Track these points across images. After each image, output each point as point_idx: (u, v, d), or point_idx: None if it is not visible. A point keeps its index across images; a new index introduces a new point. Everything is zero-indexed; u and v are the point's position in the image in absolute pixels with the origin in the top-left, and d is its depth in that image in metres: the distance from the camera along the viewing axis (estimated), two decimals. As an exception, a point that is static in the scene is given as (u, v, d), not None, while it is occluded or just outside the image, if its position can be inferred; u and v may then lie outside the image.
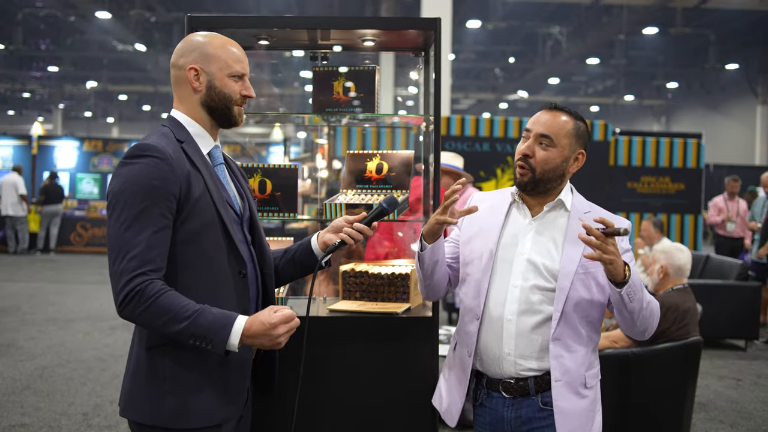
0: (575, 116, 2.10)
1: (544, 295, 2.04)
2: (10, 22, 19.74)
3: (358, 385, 2.50)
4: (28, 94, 29.51)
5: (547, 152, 2.05)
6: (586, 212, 2.08)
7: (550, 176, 2.06)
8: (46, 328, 7.38)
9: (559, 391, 2.02)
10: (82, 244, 14.89)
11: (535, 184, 2.07)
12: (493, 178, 8.72)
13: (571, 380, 2.03)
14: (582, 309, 2.03)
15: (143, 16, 18.08)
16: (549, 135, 2.05)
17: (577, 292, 2.02)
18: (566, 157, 2.07)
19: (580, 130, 2.10)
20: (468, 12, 18.27)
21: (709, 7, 17.44)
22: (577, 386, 2.04)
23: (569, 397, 2.03)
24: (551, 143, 2.05)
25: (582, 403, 2.05)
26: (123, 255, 1.75)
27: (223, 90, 1.95)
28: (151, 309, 1.73)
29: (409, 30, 2.69)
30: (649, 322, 2.04)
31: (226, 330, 1.76)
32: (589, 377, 2.08)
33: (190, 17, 2.55)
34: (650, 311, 2.02)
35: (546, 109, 2.12)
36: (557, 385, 2.02)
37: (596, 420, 2.10)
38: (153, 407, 1.82)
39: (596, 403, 2.11)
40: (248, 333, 1.78)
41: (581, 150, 2.11)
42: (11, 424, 4.55)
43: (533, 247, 2.08)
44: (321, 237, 2.19)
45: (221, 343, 1.76)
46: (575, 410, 2.03)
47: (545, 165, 2.05)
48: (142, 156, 1.80)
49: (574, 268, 2.01)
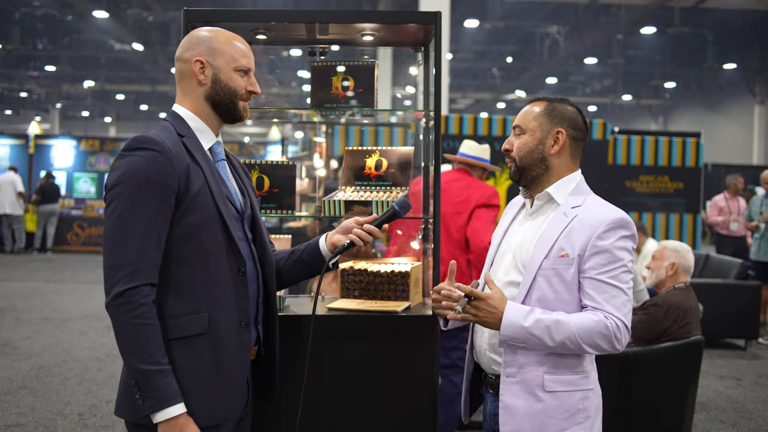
0: (551, 100, 2.10)
1: (517, 290, 2.02)
2: (8, 22, 19.71)
3: (358, 384, 2.47)
4: (25, 94, 29.48)
5: (519, 139, 2.08)
6: (575, 206, 2.00)
7: (529, 161, 2.06)
8: (42, 327, 7.34)
9: (508, 388, 1.97)
10: (78, 243, 14.84)
11: (521, 174, 2.08)
12: (491, 177, 8.68)
13: (525, 379, 1.96)
14: (547, 307, 1.94)
15: (140, 15, 18.07)
16: (518, 124, 2.10)
17: (540, 288, 1.96)
18: (539, 138, 2.05)
19: (555, 110, 2.07)
20: (466, 11, 18.27)
21: (707, 6, 17.46)
22: (532, 387, 1.96)
23: (520, 395, 1.96)
24: (521, 131, 2.08)
25: (536, 406, 1.95)
26: (118, 249, 1.74)
27: (229, 84, 1.93)
28: (130, 325, 1.72)
29: (409, 24, 2.66)
30: (577, 349, 1.90)
31: (162, 404, 1.73)
32: (552, 382, 1.95)
33: (187, 11, 2.53)
34: (575, 344, 1.89)
35: (525, 104, 2.16)
36: (507, 381, 1.98)
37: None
38: None
39: (565, 413, 1.95)
40: (174, 422, 1.74)
41: (559, 129, 2.05)
42: (7, 423, 4.52)
43: (520, 241, 2.07)
44: (329, 238, 2.17)
45: (150, 409, 1.73)
46: (525, 410, 1.95)
47: (520, 151, 2.07)
48: (141, 148, 1.78)
49: (539, 264, 1.96)
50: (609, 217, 1.94)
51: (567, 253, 1.94)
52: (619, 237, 1.94)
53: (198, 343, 1.82)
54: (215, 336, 1.84)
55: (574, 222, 1.96)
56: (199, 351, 1.81)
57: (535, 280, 1.96)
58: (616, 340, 1.90)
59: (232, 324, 1.87)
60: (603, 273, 1.92)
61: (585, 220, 1.96)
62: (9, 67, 24.65)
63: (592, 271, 1.92)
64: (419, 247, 3.17)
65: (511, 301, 1.96)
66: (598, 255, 1.92)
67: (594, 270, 1.92)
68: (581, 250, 1.93)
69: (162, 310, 1.79)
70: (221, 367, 1.85)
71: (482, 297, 1.93)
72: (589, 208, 1.99)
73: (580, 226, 1.95)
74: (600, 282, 1.92)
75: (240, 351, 1.89)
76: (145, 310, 1.73)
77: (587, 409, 1.99)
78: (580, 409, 1.97)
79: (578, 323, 1.89)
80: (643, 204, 9.11)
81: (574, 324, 1.89)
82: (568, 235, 1.95)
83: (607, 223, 1.93)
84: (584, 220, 1.96)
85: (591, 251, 1.92)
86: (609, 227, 1.93)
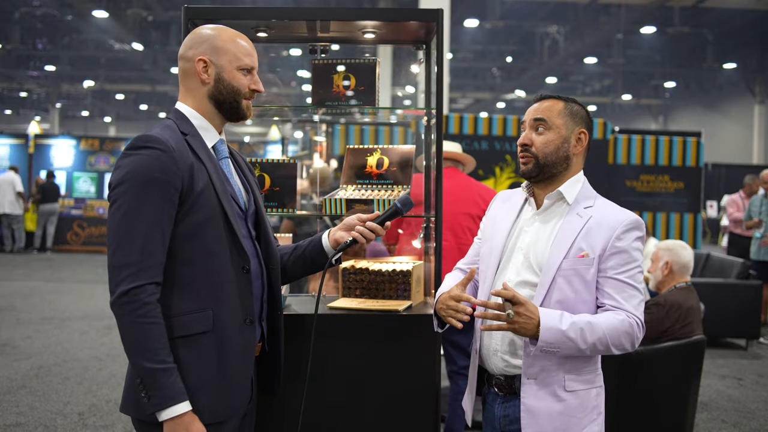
0: (565, 99, 2.08)
1: (532, 290, 2.00)
2: (8, 22, 19.70)
3: (359, 383, 2.46)
4: (25, 94, 29.47)
5: (544, 135, 2.03)
6: (588, 206, 2.01)
7: (553, 159, 2.03)
8: (42, 327, 7.33)
9: (530, 389, 1.96)
10: (78, 243, 14.83)
11: (540, 170, 2.04)
12: (491, 177, 8.67)
13: (547, 380, 1.95)
14: (567, 308, 1.94)
15: (140, 15, 18.06)
16: (542, 117, 2.04)
17: (561, 289, 1.95)
18: (565, 137, 2.03)
19: (574, 109, 2.06)
20: (466, 11, 18.27)
21: (707, 6, 17.46)
22: (554, 387, 1.95)
23: (542, 396, 1.95)
24: (546, 126, 2.03)
25: (557, 407, 1.95)
26: (122, 248, 1.74)
27: (232, 83, 1.94)
28: (135, 323, 1.72)
29: (411, 22, 2.65)
30: (605, 350, 1.92)
31: (168, 402, 1.73)
32: (572, 381, 1.97)
33: (187, 8, 2.52)
34: (604, 345, 1.90)
35: (535, 100, 2.12)
36: (529, 383, 1.96)
37: (587, 430, 1.98)
38: None
39: (584, 411, 1.98)
40: (179, 420, 1.74)
41: (582, 129, 2.06)
42: (7, 423, 4.50)
43: (531, 241, 2.04)
44: (332, 235, 2.17)
45: (156, 407, 1.73)
46: (547, 412, 1.95)
47: (545, 148, 2.02)
48: (145, 147, 1.78)
49: (558, 264, 1.95)
50: (626, 218, 1.97)
51: (587, 254, 1.94)
52: (635, 238, 1.97)
53: (203, 341, 1.82)
54: (220, 334, 1.84)
55: (590, 222, 1.97)
56: (203, 349, 1.81)
57: (555, 281, 1.95)
58: (636, 339, 1.93)
59: (236, 322, 1.88)
60: (622, 273, 1.94)
61: (603, 221, 1.97)
62: (9, 67, 24.63)
63: (612, 271, 1.94)
64: (420, 246, 3.16)
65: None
66: (617, 255, 1.94)
67: (613, 270, 1.94)
68: (601, 250, 1.94)
69: (166, 308, 1.79)
70: (226, 364, 1.85)
71: (523, 302, 1.86)
72: (603, 210, 2.01)
73: (598, 227, 1.96)
74: (619, 282, 1.93)
75: (244, 348, 1.90)
76: (149, 309, 1.72)
77: (600, 405, 2.03)
78: (595, 406, 2.01)
79: (607, 324, 1.90)
80: (644, 203, 9.09)
81: (604, 325, 1.90)
82: (587, 236, 1.96)
83: (625, 225, 1.95)
84: (602, 221, 1.97)
85: (610, 251, 1.94)
86: (626, 228, 1.95)
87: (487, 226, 2.23)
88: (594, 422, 1.99)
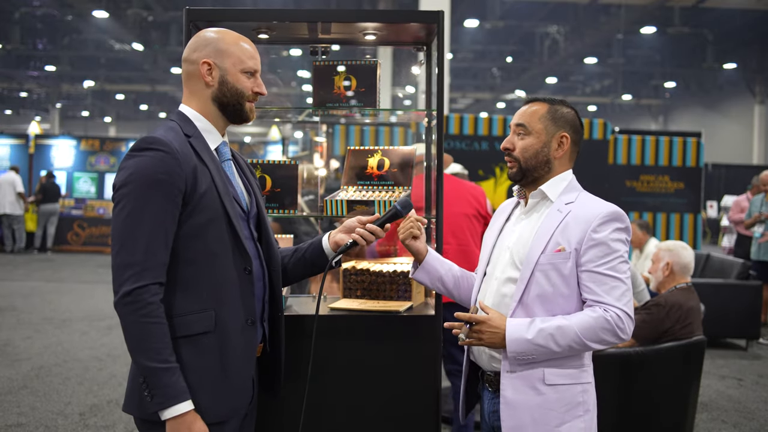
0: (551, 102, 2.11)
1: (515, 286, 2.03)
2: (8, 22, 19.70)
3: (360, 384, 2.47)
4: (25, 94, 29.49)
5: (524, 141, 2.08)
6: (568, 203, 2.03)
7: (533, 164, 2.07)
8: (42, 327, 7.33)
9: (509, 382, 1.98)
10: (79, 243, 14.83)
11: (523, 174, 2.09)
12: (491, 177, 8.68)
13: (526, 373, 1.97)
14: (547, 302, 1.97)
15: (140, 15, 18.08)
16: (522, 123, 2.09)
17: (539, 284, 1.97)
18: (544, 141, 2.07)
19: (557, 113, 2.09)
20: (466, 11, 18.28)
21: (707, 6, 17.47)
22: (533, 381, 1.97)
23: (521, 389, 1.97)
24: (526, 131, 2.08)
25: (536, 399, 1.96)
26: (126, 249, 1.75)
27: (236, 85, 1.95)
28: (139, 323, 1.74)
29: (411, 23, 2.65)
30: (584, 348, 1.94)
31: (171, 401, 1.75)
32: (553, 375, 1.97)
33: (188, 10, 2.52)
34: (581, 345, 1.91)
35: (524, 103, 2.16)
36: (508, 376, 1.98)
37: (569, 425, 1.96)
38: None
39: (566, 405, 1.97)
40: (182, 419, 1.75)
41: (563, 133, 2.08)
42: (7, 423, 4.51)
43: (516, 239, 2.08)
44: (332, 237, 2.19)
45: (158, 405, 1.75)
46: (526, 404, 1.96)
47: (525, 153, 2.07)
48: (149, 149, 1.80)
49: (536, 259, 1.98)
50: (603, 210, 1.98)
51: (563, 248, 1.96)
52: (614, 229, 1.97)
53: (205, 342, 1.84)
54: (222, 334, 1.86)
55: (568, 217, 1.99)
56: (205, 349, 1.83)
57: (533, 276, 1.98)
58: (620, 330, 1.92)
59: (238, 322, 1.89)
60: (601, 265, 1.94)
61: (579, 215, 1.98)
62: (9, 67, 24.65)
63: (590, 264, 1.95)
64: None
65: (509, 305, 2.00)
66: (594, 248, 1.95)
67: (592, 263, 1.95)
68: (577, 244, 1.96)
69: (169, 308, 1.80)
70: (228, 364, 1.86)
71: (482, 320, 1.95)
72: (582, 204, 2.02)
73: (574, 221, 1.98)
74: (598, 274, 1.94)
75: (246, 349, 1.91)
76: (152, 309, 1.74)
77: (587, 402, 2.01)
78: (580, 402, 1.99)
79: (579, 323, 1.91)
80: (644, 204, 9.10)
81: (576, 325, 1.91)
82: (564, 230, 1.98)
83: (601, 217, 1.96)
84: (579, 215, 1.99)
85: (587, 244, 1.95)
86: (603, 220, 1.96)
87: (486, 234, 2.29)
88: (579, 419, 1.98)
